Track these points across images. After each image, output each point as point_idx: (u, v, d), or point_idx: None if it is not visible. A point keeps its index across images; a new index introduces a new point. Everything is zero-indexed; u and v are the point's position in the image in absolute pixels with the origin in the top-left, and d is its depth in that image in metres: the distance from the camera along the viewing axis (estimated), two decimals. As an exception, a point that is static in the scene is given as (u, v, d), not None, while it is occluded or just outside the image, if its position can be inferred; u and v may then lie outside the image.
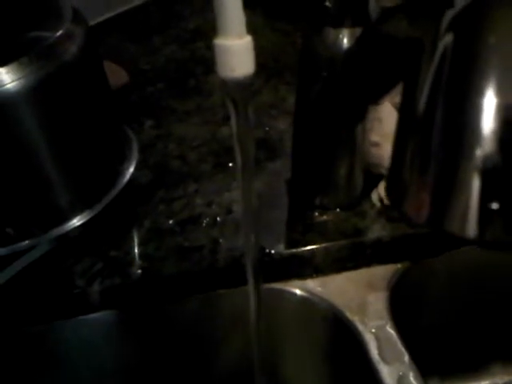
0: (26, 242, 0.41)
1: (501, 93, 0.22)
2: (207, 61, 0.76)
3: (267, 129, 0.60)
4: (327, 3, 0.39)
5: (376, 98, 0.36)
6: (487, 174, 0.23)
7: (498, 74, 0.23)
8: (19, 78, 0.37)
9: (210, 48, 0.79)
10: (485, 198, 0.24)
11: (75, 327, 0.43)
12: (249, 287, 0.33)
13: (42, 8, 0.46)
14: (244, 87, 0.27)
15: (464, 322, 0.49)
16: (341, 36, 0.39)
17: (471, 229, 0.25)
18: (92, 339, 0.44)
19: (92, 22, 0.82)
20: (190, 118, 0.63)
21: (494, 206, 0.24)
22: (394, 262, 0.45)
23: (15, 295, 0.41)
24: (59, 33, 0.40)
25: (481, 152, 0.23)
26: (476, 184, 0.24)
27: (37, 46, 0.39)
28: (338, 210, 0.47)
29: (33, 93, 0.37)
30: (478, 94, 0.23)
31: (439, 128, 0.24)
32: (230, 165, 0.54)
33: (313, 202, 0.47)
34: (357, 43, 0.36)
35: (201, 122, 0.62)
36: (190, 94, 0.68)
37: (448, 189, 0.25)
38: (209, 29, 0.86)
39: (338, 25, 0.39)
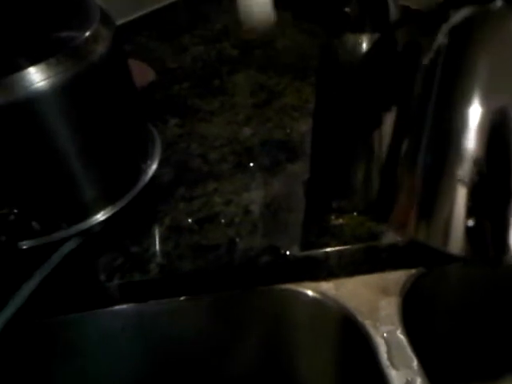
0: (53, 235, 0.43)
1: (487, 103, 0.22)
2: (233, 60, 0.77)
3: (288, 131, 0.60)
4: (347, 9, 0.39)
5: (391, 105, 0.36)
6: (471, 189, 0.24)
7: (484, 84, 0.23)
8: (47, 78, 0.38)
9: (236, 47, 0.79)
10: (468, 213, 0.24)
11: (95, 319, 0.44)
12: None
13: (70, 8, 0.47)
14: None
15: (478, 330, 0.48)
16: (360, 41, 0.40)
17: (455, 244, 0.25)
18: (110, 331, 0.45)
19: (122, 21, 0.84)
20: (214, 117, 0.64)
21: (470, 223, 0.24)
22: (409, 267, 0.45)
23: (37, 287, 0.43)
24: (87, 33, 0.42)
25: (465, 165, 0.23)
26: (459, 198, 0.24)
27: (65, 47, 0.41)
28: (354, 213, 0.47)
29: (60, 92, 0.39)
30: (465, 102, 0.23)
31: (427, 135, 0.25)
32: (251, 165, 0.55)
33: (330, 205, 0.48)
34: (373, 49, 0.37)
35: (224, 121, 0.63)
36: (215, 93, 0.69)
37: (431, 202, 0.25)
38: (236, 29, 0.87)
39: (358, 30, 0.39)
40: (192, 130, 0.61)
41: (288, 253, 0.44)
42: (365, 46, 0.40)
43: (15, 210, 0.41)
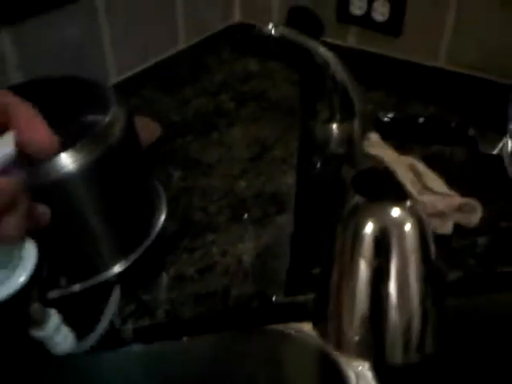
0: (75, 286, 0.51)
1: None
2: (230, 113, 0.86)
3: (278, 184, 0.69)
4: (318, 106, 0.48)
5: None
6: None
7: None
8: (75, 161, 0.47)
9: (233, 99, 0.88)
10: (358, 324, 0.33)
11: (110, 358, 0.52)
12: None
13: (89, 93, 0.55)
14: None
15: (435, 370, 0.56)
16: (330, 127, 0.49)
17: (351, 349, 0.34)
18: (123, 369, 0.53)
19: (129, 74, 0.92)
20: (213, 170, 0.72)
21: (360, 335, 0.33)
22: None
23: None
24: (106, 119, 0.50)
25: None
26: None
27: (88, 131, 0.49)
28: (332, 263, 0.55)
29: (85, 171, 0.47)
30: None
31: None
32: (245, 217, 0.64)
33: (311, 256, 0.56)
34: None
35: (221, 174, 0.71)
36: (213, 146, 0.77)
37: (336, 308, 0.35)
38: (235, 81, 0.96)
39: (329, 121, 0.48)
40: (194, 184, 0.69)
41: (274, 298, 0.52)
42: (335, 131, 0.49)
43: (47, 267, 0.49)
